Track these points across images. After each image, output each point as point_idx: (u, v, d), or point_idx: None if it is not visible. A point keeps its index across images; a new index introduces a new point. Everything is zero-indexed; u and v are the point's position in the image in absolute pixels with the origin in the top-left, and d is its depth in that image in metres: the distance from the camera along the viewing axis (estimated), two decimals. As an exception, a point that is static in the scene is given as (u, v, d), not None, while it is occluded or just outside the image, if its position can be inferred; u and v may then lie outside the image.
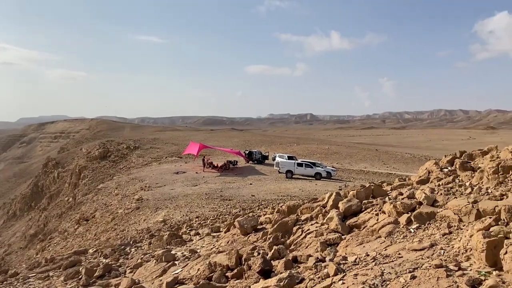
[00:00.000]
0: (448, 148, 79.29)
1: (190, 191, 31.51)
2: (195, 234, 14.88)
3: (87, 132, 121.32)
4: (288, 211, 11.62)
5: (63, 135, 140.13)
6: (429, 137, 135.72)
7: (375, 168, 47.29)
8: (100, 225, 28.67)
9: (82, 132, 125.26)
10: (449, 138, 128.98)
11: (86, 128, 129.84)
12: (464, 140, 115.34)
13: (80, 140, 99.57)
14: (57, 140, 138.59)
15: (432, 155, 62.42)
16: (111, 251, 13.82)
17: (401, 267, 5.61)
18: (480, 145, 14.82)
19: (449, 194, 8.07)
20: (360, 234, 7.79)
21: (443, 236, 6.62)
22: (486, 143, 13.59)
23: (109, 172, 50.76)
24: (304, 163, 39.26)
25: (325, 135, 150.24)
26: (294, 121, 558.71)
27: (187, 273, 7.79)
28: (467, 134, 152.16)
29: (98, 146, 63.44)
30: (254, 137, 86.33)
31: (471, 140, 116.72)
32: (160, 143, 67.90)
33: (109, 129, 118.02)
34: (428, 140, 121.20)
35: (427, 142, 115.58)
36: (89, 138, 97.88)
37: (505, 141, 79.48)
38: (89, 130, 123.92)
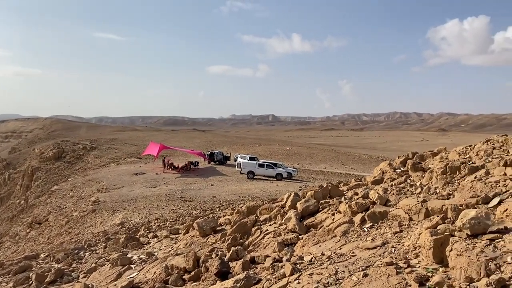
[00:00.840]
0: (403, 149, 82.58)
1: (149, 192, 30.91)
2: (153, 236, 14.59)
3: (40, 131, 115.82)
4: (247, 212, 11.65)
5: (15, 134, 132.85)
6: (385, 139, 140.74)
7: (334, 168, 48.42)
8: (54, 229, 27.52)
9: (35, 131, 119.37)
10: (404, 139, 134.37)
11: (39, 128, 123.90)
12: (417, 142, 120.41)
13: (33, 140, 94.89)
14: (8, 140, 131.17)
15: (388, 156, 64.75)
16: (64, 256, 13.26)
17: (354, 266, 5.77)
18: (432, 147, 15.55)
19: (400, 194, 8.39)
20: (316, 233, 7.93)
21: (395, 235, 6.86)
22: (438, 145, 14.27)
23: (64, 174, 48.93)
24: (266, 164, 39.55)
25: (287, 136, 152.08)
26: (256, 122, 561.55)
27: (143, 277, 7.61)
28: (420, 136, 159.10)
29: (53, 147, 60.88)
30: (216, 137, 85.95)
31: (424, 141, 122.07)
32: (118, 144, 66.11)
33: (64, 129, 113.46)
34: (384, 142, 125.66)
35: (384, 143, 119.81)
36: (43, 138, 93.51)
37: (455, 143, 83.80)
38: (43, 129, 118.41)
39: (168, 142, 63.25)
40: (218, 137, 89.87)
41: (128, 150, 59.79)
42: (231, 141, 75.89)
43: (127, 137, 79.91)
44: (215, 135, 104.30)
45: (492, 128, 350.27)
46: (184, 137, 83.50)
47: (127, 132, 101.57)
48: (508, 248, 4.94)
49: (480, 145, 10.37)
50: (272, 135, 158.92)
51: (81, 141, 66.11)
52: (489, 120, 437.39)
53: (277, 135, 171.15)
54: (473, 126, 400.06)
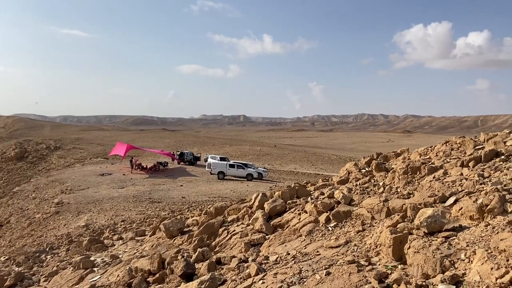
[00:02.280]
0: (370, 150, 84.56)
1: (116, 193, 30.21)
2: (118, 238, 14.27)
3: (2, 130, 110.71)
4: (215, 213, 11.62)
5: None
6: (353, 140, 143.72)
7: (304, 169, 48.98)
8: (16, 231, 26.41)
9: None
10: (371, 140, 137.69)
11: (1, 127, 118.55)
12: (384, 143, 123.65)
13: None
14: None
15: (356, 156, 66.15)
16: (24, 259, 12.77)
17: (318, 264, 5.87)
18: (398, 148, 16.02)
19: (364, 193, 8.61)
20: (283, 233, 8.02)
21: (357, 233, 7.03)
22: (403, 146, 14.70)
23: (26, 174, 47.08)
24: (236, 164, 39.52)
25: (258, 137, 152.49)
26: (227, 122, 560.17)
27: (106, 280, 7.44)
28: (387, 137, 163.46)
29: (14, 146, 58.43)
30: (186, 137, 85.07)
31: (390, 142, 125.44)
32: (84, 143, 64.25)
33: (27, 128, 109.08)
34: (352, 142, 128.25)
35: (352, 144, 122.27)
36: (4, 137, 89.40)
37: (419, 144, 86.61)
38: (5, 128, 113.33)
39: (136, 142, 62.13)
40: (189, 137, 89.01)
41: (94, 150, 58.25)
42: (201, 141, 75.35)
43: (93, 136, 77.82)
44: (185, 135, 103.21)
45: (454, 130, 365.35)
46: (154, 137, 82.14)
47: (93, 131, 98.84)
48: (462, 246, 5.17)
49: (440, 146, 10.78)
50: (243, 136, 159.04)
51: (44, 141, 63.80)
52: (451, 122, 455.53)
53: (248, 135, 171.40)
54: (436, 128, 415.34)
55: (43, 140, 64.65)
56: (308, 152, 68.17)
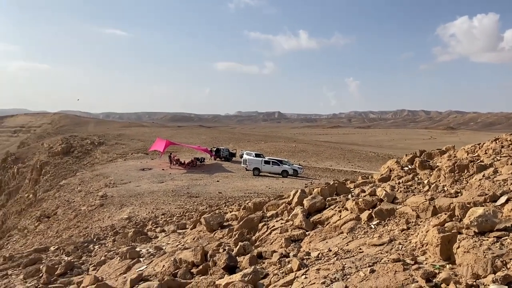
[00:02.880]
0: (410, 147, 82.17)
1: (156, 188, 31.11)
2: (160, 231, 14.74)
3: (49, 126, 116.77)
4: (254, 208, 11.73)
5: (24, 129, 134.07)
6: (392, 137, 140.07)
7: (341, 166, 48.36)
8: (62, 223, 27.79)
9: (44, 126, 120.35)
10: (411, 137, 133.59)
11: (48, 123, 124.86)
12: (425, 140, 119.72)
13: (41, 134, 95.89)
14: (17, 134, 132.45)
15: (395, 154, 64.48)
16: (73, 249, 13.46)
17: (361, 262, 5.83)
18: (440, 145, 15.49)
19: (408, 191, 8.41)
20: (323, 230, 8.00)
21: (402, 232, 6.91)
22: (446, 143, 14.23)
23: (72, 168, 49.32)
24: (271, 160, 39.58)
25: (293, 133, 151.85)
26: (262, 119, 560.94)
27: (152, 270, 7.73)
28: (428, 134, 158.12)
29: (61, 141, 61.39)
30: (222, 134, 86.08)
31: (432, 140, 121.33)
32: (125, 139, 66.47)
33: (72, 124, 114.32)
34: (391, 140, 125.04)
35: (390, 141, 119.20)
36: (51, 133, 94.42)
37: (463, 141, 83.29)
38: (52, 124, 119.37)
39: (174, 138, 63.50)
40: (224, 133, 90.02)
41: (135, 145, 60.13)
42: (237, 138, 76.00)
43: (134, 132, 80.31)
44: (221, 131, 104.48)
45: (501, 126, 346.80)
46: (190, 133, 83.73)
47: (134, 127, 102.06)
48: (515, 246, 4.97)
49: (489, 143, 10.34)
50: (278, 132, 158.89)
51: (89, 136, 66.57)
52: (498, 118, 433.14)
53: (283, 132, 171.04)
54: (482, 125, 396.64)
55: (87, 136, 67.49)
56: (344, 149, 67.18)
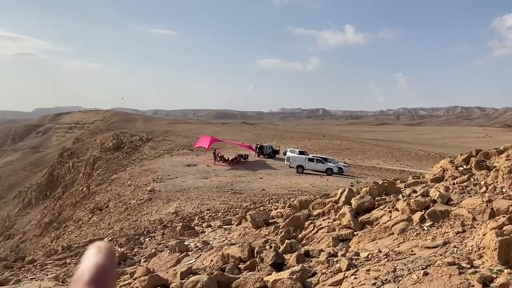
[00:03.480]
0: (463, 146, 78.30)
1: (201, 183, 31.77)
2: (207, 226, 15.08)
3: (101, 123, 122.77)
4: (299, 206, 11.70)
5: (78, 125, 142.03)
6: (444, 134, 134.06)
7: (388, 164, 46.98)
8: (114, 215, 29.11)
9: (97, 123, 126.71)
10: (465, 135, 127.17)
11: (100, 119, 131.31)
12: (480, 138, 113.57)
13: (94, 131, 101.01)
14: (72, 130, 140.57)
15: (447, 152, 61.70)
16: (125, 241, 14.10)
17: (414, 264, 5.66)
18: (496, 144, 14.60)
19: (463, 192, 8.04)
20: (372, 230, 7.83)
21: (457, 235, 6.63)
22: (503, 142, 13.40)
23: (122, 163, 51.42)
24: (316, 158, 39.12)
25: (337, 131, 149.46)
26: (306, 116, 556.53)
27: (200, 264, 7.94)
28: (483, 132, 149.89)
29: (112, 137, 64.22)
30: (265, 131, 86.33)
31: (487, 138, 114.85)
32: (172, 136, 68.42)
33: (122, 121, 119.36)
34: (443, 138, 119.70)
35: (442, 139, 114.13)
36: (103, 129, 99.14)
37: (521, 140, 78.02)
38: (103, 121, 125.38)
39: (218, 135, 64.51)
40: (267, 130, 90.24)
41: (180, 142, 61.74)
42: (280, 135, 75.92)
43: (180, 129, 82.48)
44: (264, 128, 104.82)
45: None
46: (234, 130, 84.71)
47: (180, 124, 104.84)
48: None
49: (553, 143, 9.65)
50: (322, 129, 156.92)
51: (138, 133, 69.17)
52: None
53: (328, 129, 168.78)
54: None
55: (136, 132, 70.19)
56: (392, 147, 65.16)
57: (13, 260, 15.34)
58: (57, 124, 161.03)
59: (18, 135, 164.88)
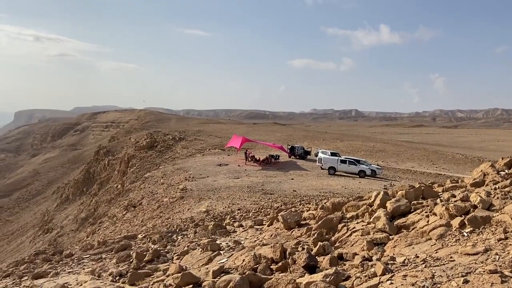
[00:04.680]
0: (503, 150, 74.90)
1: (232, 183, 32.02)
2: (238, 225, 15.15)
3: (135, 122, 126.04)
4: (332, 208, 11.54)
5: (114, 124, 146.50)
6: (483, 137, 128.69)
7: (423, 168, 45.66)
8: (147, 212, 29.82)
9: (131, 122, 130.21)
10: (505, 139, 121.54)
11: (135, 119, 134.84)
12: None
13: (129, 130, 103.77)
14: (108, 129, 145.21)
15: (486, 156, 59.28)
16: (159, 238, 14.39)
17: (453, 271, 5.45)
18: (540, 148, 13.87)
19: (506, 198, 7.68)
20: (408, 235, 7.61)
21: (499, 242, 6.33)
22: (548, 146, 12.73)
23: (155, 162, 52.56)
24: (348, 160, 38.61)
25: (371, 132, 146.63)
26: (338, 117, 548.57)
27: (232, 263, 7.98)
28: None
29: (146, 136, 65.78)
30: (297, 132, 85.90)
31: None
32: (204, 135, 69.32)
33: (156, 120, 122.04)
34: (482, 141, 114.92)
35: (481, 142, 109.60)
36: (138, 128, 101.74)
37: None
38: (138, 120, 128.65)
39: (249, 135, 64.79)
40: (299, 131, 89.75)
41: (212, 141, 62.46)
42: (312, 136, 75.34)
43: (212, 129, 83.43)
44: (295, 129, 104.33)
45: None
46: (265, 130, 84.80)
47: (211, 124, 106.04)
48: None
49: None
50: (355, 131, 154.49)
51: (170, 132, 70.54)
52: None
53: (360, 130, 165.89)
54: None
55: (169, 132, 71.58)
56: (428, 150, 63.22)
57: (52, 254, 15.99)
58: (94, 123, 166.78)
59: (57, 133, 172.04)
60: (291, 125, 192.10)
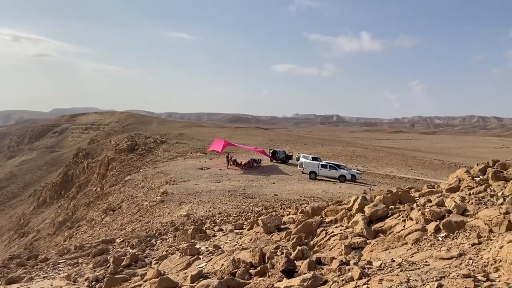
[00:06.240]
0: (479, 156, 76.85)
1: (213, 187, 31.83)
2: (218, 230, 15.07)
3: (116, 124, 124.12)
4: (312, 213, 11.62)
5: (94, 126, 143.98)
6: (460, 144, 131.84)
7: (402, 173, 46.42)
8: (126, 216, 29.36)
9: (112, 124, 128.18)
10: (481, 145, 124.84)
11: (115, 121, 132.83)
12: (497, 149, 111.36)
13: (109, 132, 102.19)
14: (88, 131, 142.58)
15: (462, 162, 60.69)
16: (137, 242, 14.19)
17: (428, 275, 5.56)
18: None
19: (480, 203, 7.88)
20: (385, 239, 7.73)
21: (472, 246, 6.50)
22: (521, 153, 13.16)
23: (136, 165, 51.88)
24: (329, 164, 38.89)
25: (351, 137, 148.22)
26: (320, 122, 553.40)
27: (211, 268, 7.93)
28: (500, 142, 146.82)
29: (127, 139, 64.91)
30: (279, 136, 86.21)
31: (504, 148, 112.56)
32: (186, 139, 68.85)
33: (137, 123, 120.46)
34: (459, 147, 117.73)
35: (458, 148, 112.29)
36: (118, 131, 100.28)
37: (540, 151, 76.35)
38: (119, 123, 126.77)
39: (232, 139, 64.67)
40: (281, 135, 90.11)
41: (194, 145, 62.06)
42: (293, 140, 75.73)
43: (194, 132, 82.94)
44: (278, 133, 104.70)
45: None
46: (247, 134, 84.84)
47: (194, 127, 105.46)
48: None
49: None
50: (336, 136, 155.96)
51: (152, 135, 69.78)
52: None
53: (341, 136, 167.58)
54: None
55: (151, 135, 70.82)
56: (407, 156, 64.38)
57: (27, 258, 15.58)
58: (73, 125, 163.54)
59: (35, 135, 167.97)
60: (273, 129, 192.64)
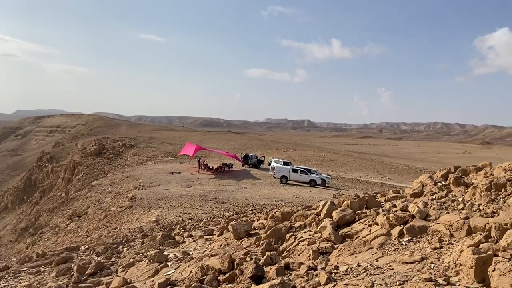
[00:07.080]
0: (443, 161, 79.76)
1: (184, 192, 31.49)
2: (188, 236, 14.90)
3: (83, 127, 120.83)
4: (282, 218, 11.69)
5: (59, 129, 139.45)
6: (425, 149, 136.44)
7: (370, 177, 47.50)
8: (92, 222, 28.54)
9: (79, 127, 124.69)
10: (445, 151, 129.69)
11: (82, 124, 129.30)
12: (459, 154, 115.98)
13: (76, 135, 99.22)
14: (53, 134, 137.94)
15: (427, 167, 62.78)
16: (103, 249, 13.81)
17: (391, 279, 5.70)
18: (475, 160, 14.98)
19: (441, 208, 8.17)
20: (352, 244, 7.88)
21: (434, 250, 6.72)
22: (481, 158, 13.78)
23: (103, 169, 50.66)
24: (300, 169, 39.29)
25: (322, 142, 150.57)
26: (291, 127, 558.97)
27: (179, 275, 7.83)
28: (463, 148, 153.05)
29: (94, 143, 63.26)
30: (251, 141, 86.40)
31: (467, 154, 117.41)
32: (156, 142, 67.82)
33: (105, 126, 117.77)
34: (423, 152, 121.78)
35: (423, 154, 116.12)
36: (85, 134, 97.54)
37: (500, 157, 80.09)
38: (86, 125, 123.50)
39: (203, 143, 64.27)
40: (253, 140, 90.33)
41: (165, 149, 61.23)
42: (265, 145, 76.09)
43: (165, 136, 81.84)
44: (250, 138, 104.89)
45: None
46: (220, 139, 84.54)
47: (164, 131, 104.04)
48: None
49: (529, 161, 9.89)
50: (307, 141, 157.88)
51: (121, 139, 68.30)
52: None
53: (312, 140, 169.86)
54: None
55: (119, 138, 69.30)
56: (374, 161, 65.97)
57: (-14, 267, 14.84)
58: (37, 127, 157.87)
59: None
60: (245, 134, 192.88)
